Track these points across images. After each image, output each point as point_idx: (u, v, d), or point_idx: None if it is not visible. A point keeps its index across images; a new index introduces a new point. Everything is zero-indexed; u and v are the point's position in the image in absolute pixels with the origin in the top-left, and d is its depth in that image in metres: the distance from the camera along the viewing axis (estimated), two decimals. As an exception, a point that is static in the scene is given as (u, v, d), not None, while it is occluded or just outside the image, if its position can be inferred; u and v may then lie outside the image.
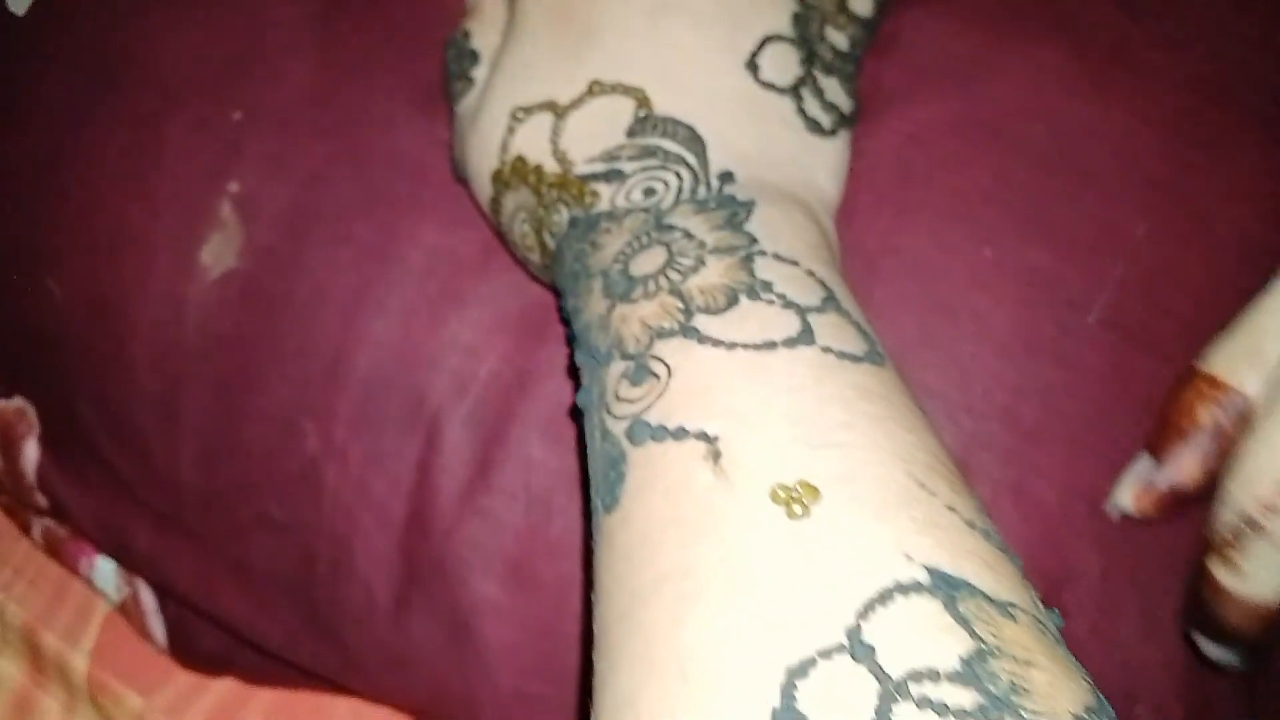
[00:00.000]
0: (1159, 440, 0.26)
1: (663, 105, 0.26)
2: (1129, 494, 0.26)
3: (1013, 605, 0.17)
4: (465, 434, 0.30)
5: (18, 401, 0.39)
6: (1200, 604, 0.26)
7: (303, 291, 0.32)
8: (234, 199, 0.33)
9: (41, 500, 0.40)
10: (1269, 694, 0.26)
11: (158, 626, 0.41)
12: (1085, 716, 0.15)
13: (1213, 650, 0.26)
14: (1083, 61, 0.30)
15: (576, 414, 0.25)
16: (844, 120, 0.28)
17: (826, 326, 0.21)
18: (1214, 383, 0.26)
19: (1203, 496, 0.26)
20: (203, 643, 0.40)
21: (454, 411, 0.31)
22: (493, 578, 0.30)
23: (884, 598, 0.16)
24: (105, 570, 0.42)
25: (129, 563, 0.39)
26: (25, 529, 0.43)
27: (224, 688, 0.41)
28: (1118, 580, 0.27)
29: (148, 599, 0.41)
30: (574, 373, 0.24)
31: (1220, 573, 0.25)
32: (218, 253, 0.33)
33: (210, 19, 0.35)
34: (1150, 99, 0.30)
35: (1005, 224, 0.29)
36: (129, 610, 0.41)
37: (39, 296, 0.36)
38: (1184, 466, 0.26)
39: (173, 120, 0.34)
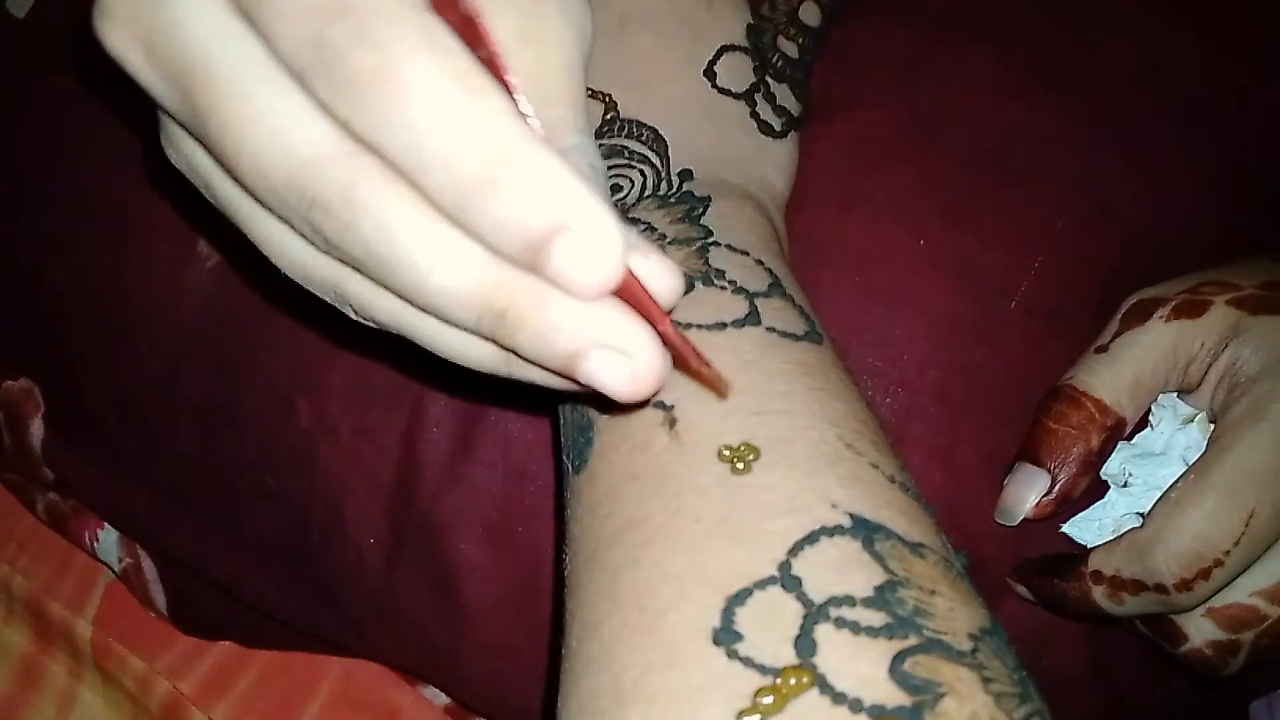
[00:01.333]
0: (1045, 451, 0.29)
1: (629, 109, 0.29)
2: (1032, 509, 0.29)
3: (922, 546, 0.20)
4: (447, 409, 0.33)
5: (24, 382, 0.41)
6: (1062, 598, 0.29)
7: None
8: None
9: (48, 474, 0.42)
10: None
11: (158, 594, 0.43)
12: (978, 635, 0.18)
13: (1024, 593, 0.30)
14: (1008, 66, 0.33)
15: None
16: (794, 122, 0.31)
17: (771, 309, 0.24)
18: (1102, 408, 0.29)
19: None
20: (201, 609, 0.43)
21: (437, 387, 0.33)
22: (474, 540, 0.33)
23: (811, 538, 0.19)
24: (107, 542, 0.44)
25: (131, 531, 0.42)
26: (30, 505, 0.45)
27: (222, 650, 0.43)
28: (1030, 538, 0.30)
29: (149, 568, 0.43)
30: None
31: (1103, 600, 0.28)
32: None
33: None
34: (1070, 102, 0.33)
35: (938, 216, 0.32)
36: (130, 579, 0.44)
37: (43, 281, 0.39)
38: (1078, 483, 0.29)
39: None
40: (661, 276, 0.18)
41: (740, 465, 0.21)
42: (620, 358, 0.18)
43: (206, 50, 0.17)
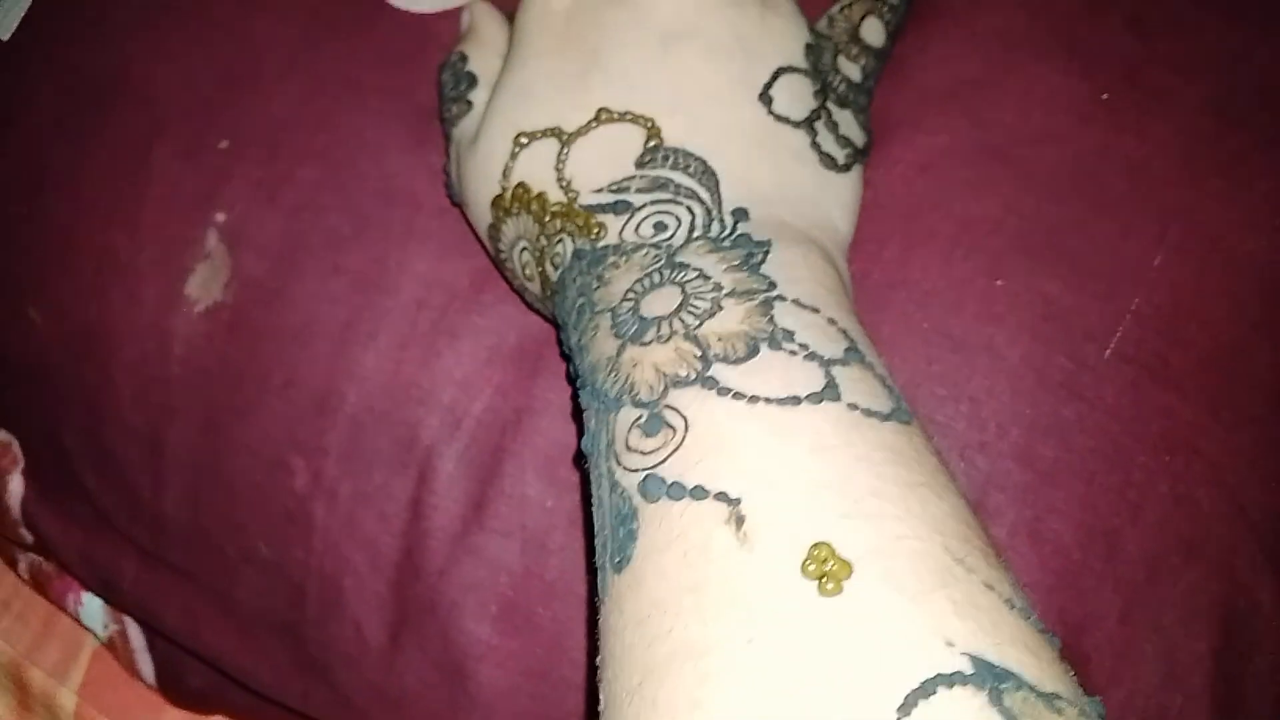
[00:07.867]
0: None
1: (674, 136, 0.25)
2: None
3: (1057, 697, 0.16)
4: (459, 471, 0.29)
5: (2, 435, 0.38)
6: None
7: (291, 324, 0.31)
8: (220, 229, 0.32)
9: (26, 536, 0.38)
10: None
11: (146, 664, 0.40)
12: None
13: None
14: (1092, 84, 0.29)
15: (580, 459, 0.24)
16: (858, 154, 0.27)
17: (851, 380, 0.20)
18: None
19: None
20: (192, 680, 0.39)
21: (447, 448, 0.30)
22: (487, 620, 0.29)
23: (926, 690, 0.15)
24: (92, 607, 0.41)
25: (115, 599, 0.38)
26: (11, 564, 0.42)
27: (215, 726, 0.40)
28: (1138, 623, 0.26)
29: (136, 636, 0.40)
30: (577, 413, 0.23)
31: None
32: (204, 285, 0.32)
33: (199, 42, 0.35)
34: (1163, 122, 0.29)
35: (1017, 254, 0.28)
36: (117, 647, 0.40)
37: (22, 326, 0.35)
38: None
39: (160, 146, 0.33)
40: None
41: (830, 585, 0.17)
42: None
43: None
